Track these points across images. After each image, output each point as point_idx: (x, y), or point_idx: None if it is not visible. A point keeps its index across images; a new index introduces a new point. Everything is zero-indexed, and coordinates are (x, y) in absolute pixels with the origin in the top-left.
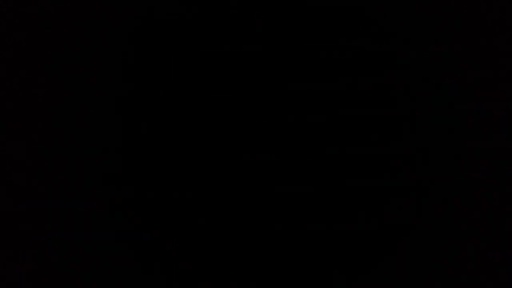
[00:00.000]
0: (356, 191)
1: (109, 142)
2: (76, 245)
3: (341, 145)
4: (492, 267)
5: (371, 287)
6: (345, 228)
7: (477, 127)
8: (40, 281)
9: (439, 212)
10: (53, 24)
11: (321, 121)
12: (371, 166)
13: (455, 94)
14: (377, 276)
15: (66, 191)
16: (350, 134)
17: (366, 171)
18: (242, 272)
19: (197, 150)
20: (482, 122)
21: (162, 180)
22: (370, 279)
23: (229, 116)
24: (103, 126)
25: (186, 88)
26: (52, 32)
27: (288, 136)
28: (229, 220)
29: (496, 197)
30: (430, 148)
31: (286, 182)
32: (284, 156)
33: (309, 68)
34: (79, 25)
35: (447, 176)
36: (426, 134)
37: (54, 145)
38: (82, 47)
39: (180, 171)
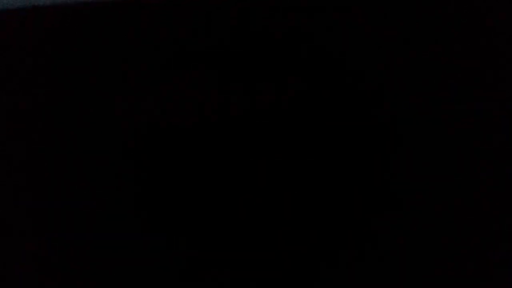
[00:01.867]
0: (356, 191)
1: (109, 142)
2: (76, 245)
3: (341, 145)
4: (492, 267)
5: (370, 287)
6: (345, 228)
7: (477, 127)
8: (40, 281)
9: (439, 212)
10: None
11: (321, 121)
12: (371, 166)
13: (455, 94)
14: (377, 275)
15: (66, 191)
16: (350, 134)
17: (366, 171)
18: (242, 272)
19: (196, 150)
20: (482, 122)
21: (162, 180)
22: (370, 279)
23: (229, 116)
24: (103, 127)
25: (186, 87)
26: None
27: (288, 136)
28: (229, 220)
29: (496, 197)
30: (430, 148)
31: (286, 182)
32: (284, 156)
33: (309, 68)
34: (79, 25)
35: (447, 176)
36: (426, 134)
37: (54, 145)
38: (82, 47)
39: (180, 171)
